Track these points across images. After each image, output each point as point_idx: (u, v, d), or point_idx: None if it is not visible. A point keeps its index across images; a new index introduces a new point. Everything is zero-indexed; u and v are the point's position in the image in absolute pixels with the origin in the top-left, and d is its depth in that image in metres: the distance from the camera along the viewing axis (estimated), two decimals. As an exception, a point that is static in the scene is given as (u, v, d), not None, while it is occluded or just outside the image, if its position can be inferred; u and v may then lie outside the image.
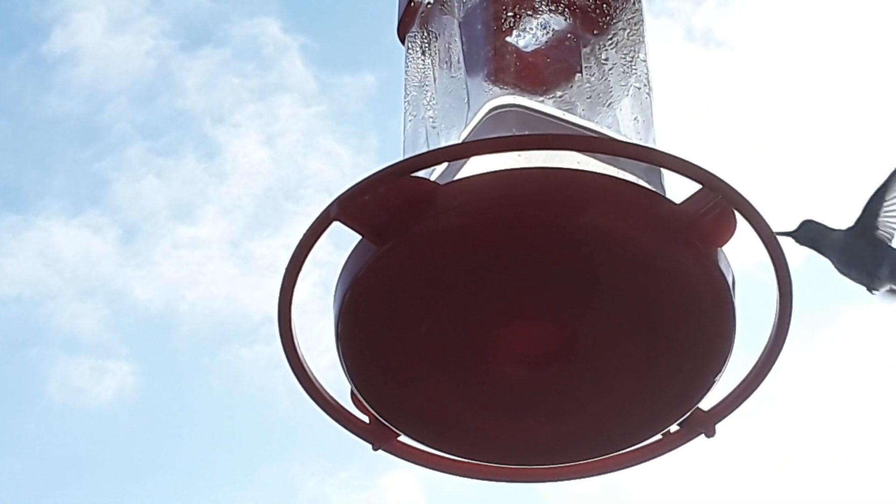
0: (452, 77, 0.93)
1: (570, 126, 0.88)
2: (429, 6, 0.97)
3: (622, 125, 0.92)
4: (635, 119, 0.93)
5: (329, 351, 0.86)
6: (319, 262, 0.86)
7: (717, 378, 0.84)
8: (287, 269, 0.81)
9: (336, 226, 0.80)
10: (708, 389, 0.84)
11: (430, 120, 0.94)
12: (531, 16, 0.92)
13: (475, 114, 0.89)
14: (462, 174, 0.82)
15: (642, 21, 0.95)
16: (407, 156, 0.86)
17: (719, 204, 0.78)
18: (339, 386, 0.88)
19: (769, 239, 0.80)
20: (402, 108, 0.97)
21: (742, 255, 0.83)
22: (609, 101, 0.92)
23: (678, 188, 0.82)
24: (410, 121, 0.95)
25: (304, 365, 0.85)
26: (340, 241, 0.82)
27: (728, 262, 0.81)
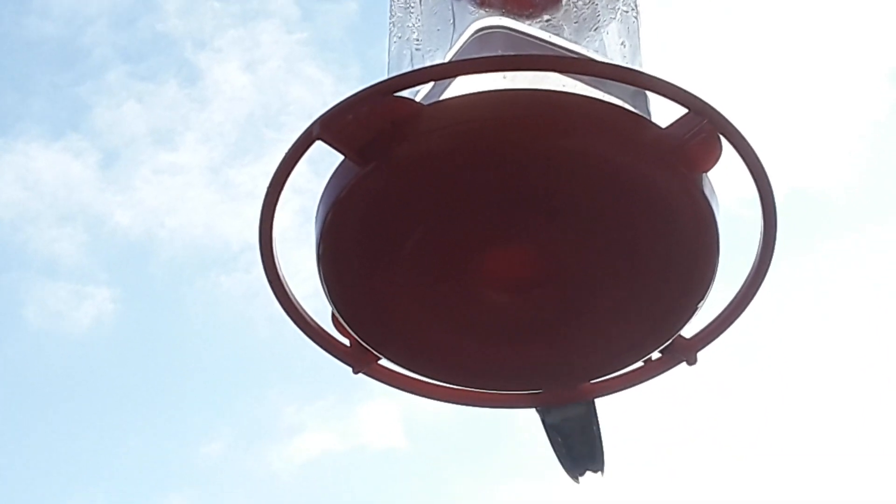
0: (438, -2, 0.92)
1: (556, 49, 0.87)
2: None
3: (609, 49, 0.91)
4: (622, 44, 0.92)
5: (309, 279, 0.85)
6: (299, 189, 0.86)
7: (700, 304, 0.83)
8: (269, 188, 0.80)
9: (317, 151, 0.79)
10: (690, 316, 0.84)
11: (415, 42, 0.93)
12: (519, -63, 0.91)
13: (460, 35, 0.88)
14: (447, 95, 0.81)
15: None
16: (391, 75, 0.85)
17: (704, 129, 0.78)
18: (319, 315, 0.88)
19: (754, 164, 0.79)
20: (386, 30, 0.96)
21: (727, 190, 0.83)
22: (596, 25, 0.91)
23: (665, 115, 0.81)
24: (395, 42, 0.94)
25: (285, 286, 0.84)
26: (320, 169, 0.81)
27: (713, 188, 0.80)
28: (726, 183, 0.82)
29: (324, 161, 0.80)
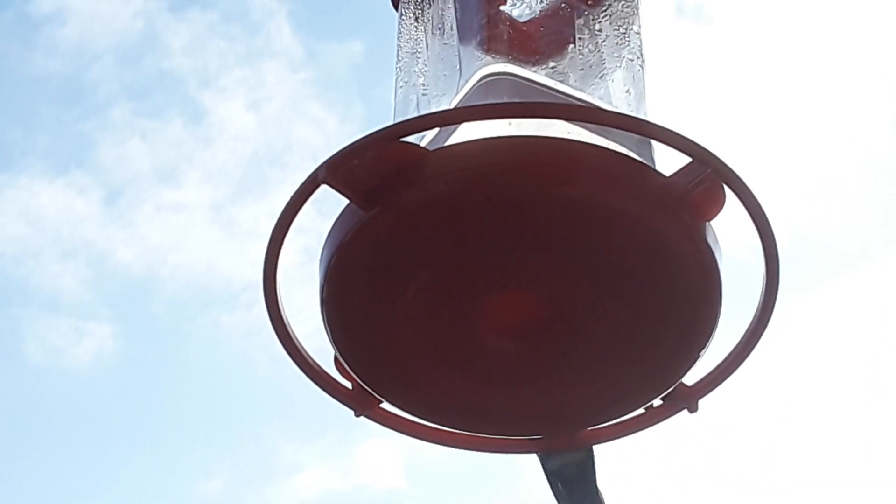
0: (445, 44, 0.93)
1: (561, 96, 0.88)
2: (422, -28, 0.96)
3: (614, 97, 0.91)
4: (627, 91, 0.93)
5: (311, 318, 0.85)
6: (303, 229, 0.86)
7: (702, 353, 0.84)
8: (273, 232, 0.80)
9: (321, 193, 0.79)
10: (692, 364, 0.84)
11: (422, 87, 0.93)
12: (525, -16, 0.92)
13: (466, 81, 0.89)
14: (452, 141, 0.82)
15: (636, -7, 0.95)
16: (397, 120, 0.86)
17: (708, 178, 0.78)
18: (321, 354, 0.88)
19: (757, 213, 0.79)
20: (393, 75, 0.96)
21: (730, 236, 0.83)
22: (602, 73, 0.92)
23: (669, 163, 0.81)
24: (401, 87, 0.95)
25: (288, 328, 0.85)
26: (325, 209, 0.82)
27: (716, 237, 0.81)
28: (730, 228, 0.82)
29: (327, 201, 0.81)
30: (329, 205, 0.81)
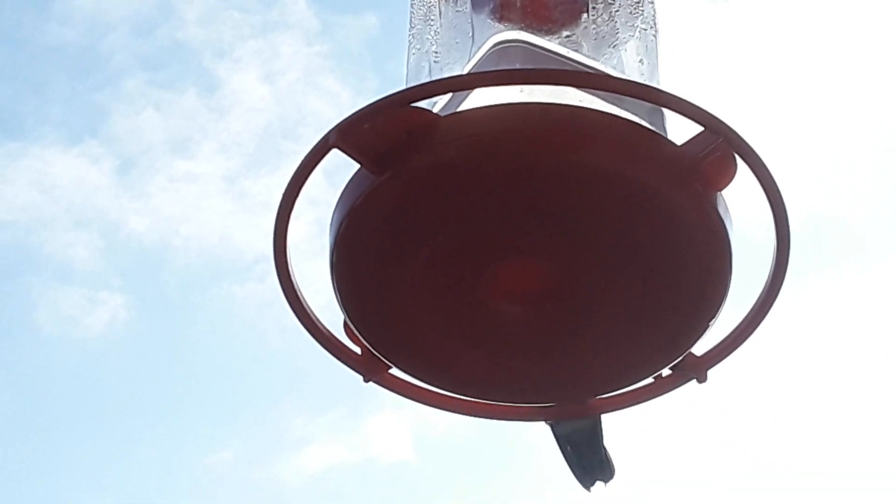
0: (458, 11, 0.93)
1: (574, 64, 0.88)
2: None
3: (627, 67, 0.91)
4: (640, 61, 0.92)
5: (322, 291, 0.85)
6: (315, 201, 0.86)
7: (712, 322, 0.83)
8: (284, 194, 0.80)
9: (333, 164, 0.79)
10: (701, 334, 0.84)
11: (434, 54, 0.93)
12: (539, -48, 0.92)
13: (479, 48, 0.89)
14: (463, 108, 0.82)
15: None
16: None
17: (720, 147, 0.78)
18: (331, 325, 0.88)
19: (768, 182, 0.79)
20: (405, 43, 0.96)
21: (741, 212, 0.83)
22: (615, 43, 0.92)
23: (680, 135, 0.81)
24: (414, 54, 0.94)
25: (298, 292, 0.85)
26: (336, 181, 0.82)
27: (727, 207, 0.80)
28: (741, 206, 0.82)
29: (339, 173, 0.81)
30: (341, 177, 0.81)
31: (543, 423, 0.99)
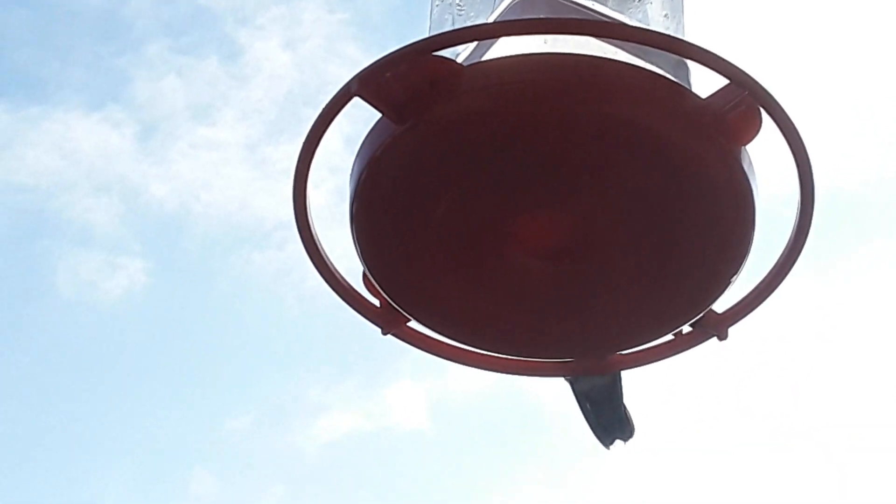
0: (482, -37, 0.92)
1: (598, 16, 0.87)
2: None
3: (652, 21, 0.90)
4: (665, 16, 0.91)
5: (343, 258, 0.85)
6: (336, 168, 0.85)
7: (734, 279, 0.83)
8: (306, 141, 0.80)
9: (356, 130, 0.79)
10: (723, 290, 0.83)
11: (457, 6, 0.92)
12: None
13: (502, 0, 0.88)
14: (486, 58, 0.81)
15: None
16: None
17: (745, 100, 0.77)
18: (351, 280, 0.87)
19: (793, 137, 0.78)
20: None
21: (766, 173, 0.82)
22: (640, -4, 0.91)
23: (706, 89, 0.80)
24: (437, 6, 0.93)
25: (317, 241, 0.84)
26: (356, 146, 0.81)
27: (751, 162, 0.80)
28: (766, 167, 0.81)
29: (360, 139, 0.80)
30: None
31: (563, 379, 0.98)
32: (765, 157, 0.81)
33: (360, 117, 0.80)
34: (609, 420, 0.97)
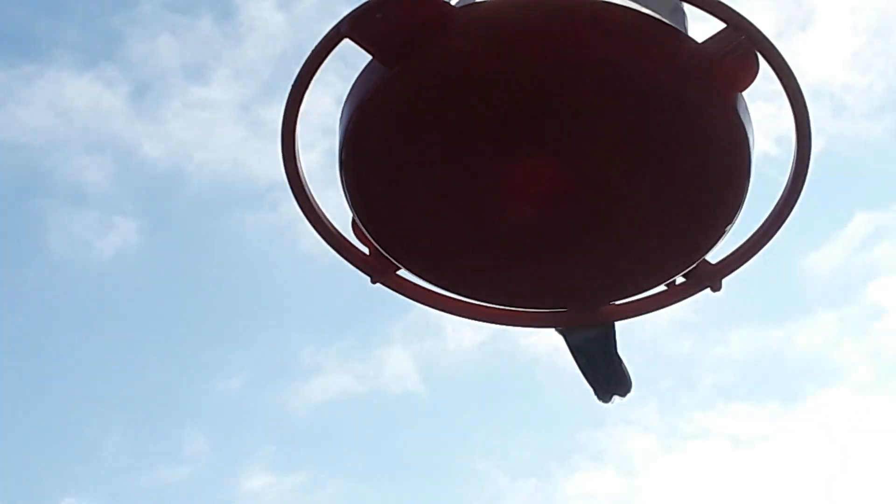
0: None
1: None
2: None
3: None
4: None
5: (336, 218, 0.84)
6: (330, 130, 0.84)
7: (728, 228, 0.82)
8: (295, 82, 0.78)
9: (346, 87, 0.77)
10: (717, 239, 0.82)
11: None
12: None
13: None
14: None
15: None
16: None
17: (742, 45, 0.76)
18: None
19: (790, 82, 0.77)
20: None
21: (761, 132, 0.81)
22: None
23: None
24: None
25: (305, 186, 0.83)
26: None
27: (747, 109, 0.78)
28: (762, 122, 0.80)
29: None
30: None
31: (555, 331, 0.97)
32: (759, 116, 0.80)
33: (353, 76, 0.79)
34: (605, 374, 0.96)
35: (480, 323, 0.89)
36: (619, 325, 0.93)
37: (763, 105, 0.82)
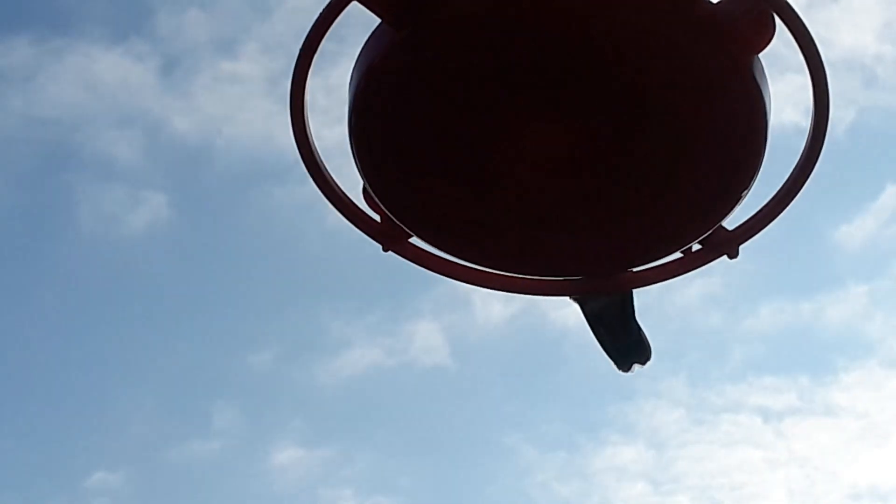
0: None
1: None
2: None
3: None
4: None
5: (352, 190, 0.83)
6: (345, 100, 0.83)
7: (744, 193, 0.80)
8: (303, 48, 0.77)
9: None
10: (734, 205, 0.81)
11: None
12: None
13: None
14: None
15: None
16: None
17: (757, 5, 0.74)
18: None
19: (807, 43, 0.75)
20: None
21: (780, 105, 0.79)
22: None
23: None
24: None
25: (315, 152, 0.81)
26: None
27: (763, 71, 0.77)
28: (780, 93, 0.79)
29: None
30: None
31: (572, 301, 0.96)
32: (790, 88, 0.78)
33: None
34: (624, 343, 0.95)
35: (507, 294, 0.88)
36: (641, 295, 0.92)
37: (793, 77, 0.81)
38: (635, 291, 0.93)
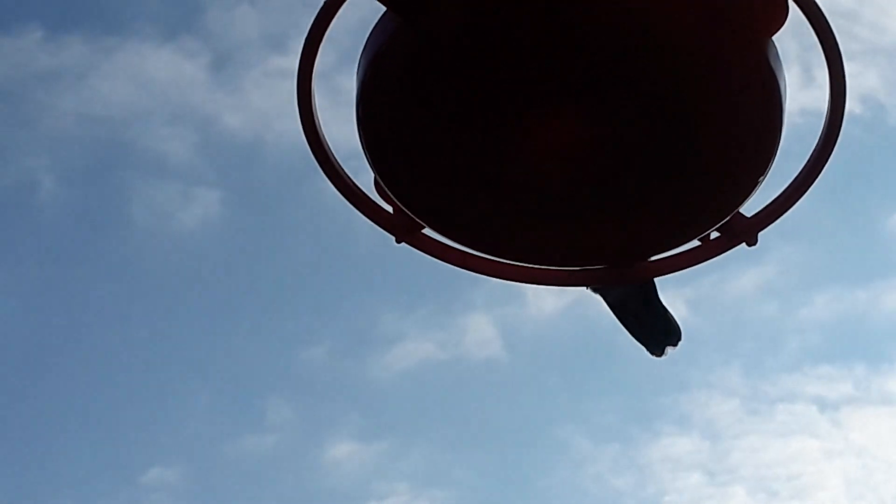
0: None
1: None
2: None
3: None
4: None
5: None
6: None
7: (761, 179, 0.78)
8: (310, 32, 0.77)
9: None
10: (750, 191, 0.79)
11: None
12: None
13: None
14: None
15: None
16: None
17: None
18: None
19: (821, 24, 0.74)
20: None
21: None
22: None
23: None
24: None
25: (324, 141, 0.80)
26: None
27: (778, 55, 0.75)
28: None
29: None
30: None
31: (591, 292, 0.95)
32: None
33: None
34: (653, 327, 0.94)
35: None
36: (695, 287, 0.91)
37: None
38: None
